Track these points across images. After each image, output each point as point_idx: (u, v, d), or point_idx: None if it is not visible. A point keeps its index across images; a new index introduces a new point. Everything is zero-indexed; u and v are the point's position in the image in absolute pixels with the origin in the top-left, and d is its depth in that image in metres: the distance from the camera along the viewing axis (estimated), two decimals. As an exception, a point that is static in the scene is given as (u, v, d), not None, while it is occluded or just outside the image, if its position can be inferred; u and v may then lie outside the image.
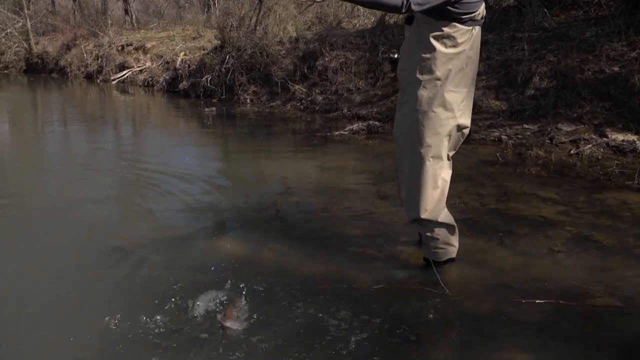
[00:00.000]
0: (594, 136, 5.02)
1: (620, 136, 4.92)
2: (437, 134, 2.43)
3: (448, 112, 2.41)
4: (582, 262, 2.75)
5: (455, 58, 2.34)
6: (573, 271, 2.65)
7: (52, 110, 10.58)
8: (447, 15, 2.27)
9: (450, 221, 2.61)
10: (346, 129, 6.41)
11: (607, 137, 4.95)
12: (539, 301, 2.34)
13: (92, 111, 9.91)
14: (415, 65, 2.40)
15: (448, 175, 2.57)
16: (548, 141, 5.16)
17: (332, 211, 3.63)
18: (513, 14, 7.17)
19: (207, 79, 9.95)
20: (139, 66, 13.47)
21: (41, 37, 18.95)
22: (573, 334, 2.15)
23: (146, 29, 16.33)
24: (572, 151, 4.87)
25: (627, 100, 5.18)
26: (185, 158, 5.49)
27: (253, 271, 2.68)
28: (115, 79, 13.66)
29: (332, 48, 8.53)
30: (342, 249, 2.95)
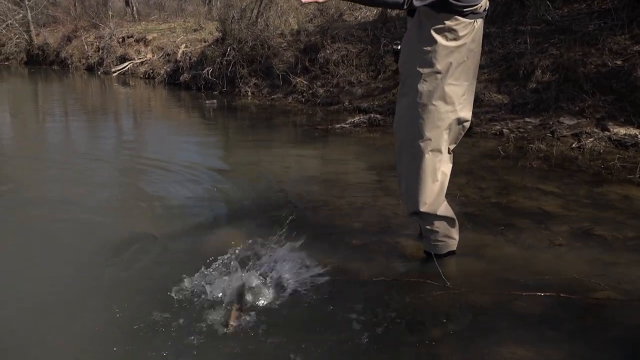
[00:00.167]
0: (595, 130, 5.00)
1: (622, 130, 4.91)
2: (436, 128, 2.42)
3: (448, 105, 2.40)
4: (583, 256, 2.75)
5: (456, 51, 2.33)
6: (574, 264, 2.64)
7: (53, 102, 10.56)
8: (448, 8, 2.25)
9: (450, 214, 2.61)
10: (347, 121, 6.40)
11: (609, 131, 4.94)
12: (539, 294, 2.34)
13: (93, 103, 9.90)
14: (416, 57, 2.38)
15: (448, 169, 2.56)
16: (550, 135, 5.15)
17: (333, 204, 3.63)
18: (516, 7, 7.14)
19: (208, 71, 9.93)
20: (139, 58, 13.44)
21: (42, 28, 18.93)
22: (574, 327, 2.15)
23: (147, 20, 16.30)
24: (573, 145, 4.86)
25: (629, 94, 5.16)
26: (186, 150, 5.49)
27: (253, 264, 2.68)
28: (116, 71, 13.63)
29: (333, 40, 8.50)
30: (343, 242, 2.95)
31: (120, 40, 14.52)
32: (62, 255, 2.90)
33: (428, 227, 2.61)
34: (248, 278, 2.48)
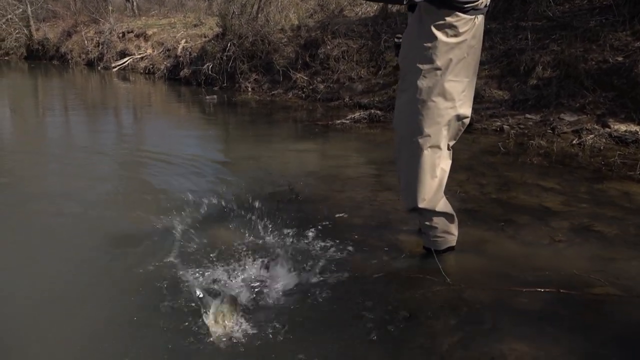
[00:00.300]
0: (596, 126, 5.00)
1: (623, 127, 4.90)
2: (436, 124, 2.41)
3: (448, 102, 2.39)
4: (583, 252, 2.75)
5: (456, 47, 2.32)
6: (574, 260, 2.65)
7: (53, 97, 10.55)
8: (449, 4, 2.24)
9: (449, 210, 2.61)
10: (347, 117, 6.40)
11: (609, 127, 4.94)
12: (539, 290, 2.34)
13: (93, 98, 9.89)
14: (416, 53, 2.37)
15: (447, 165, 2.55)
16: (550, 131, 5.15)
17: (333, 199, 3.63)
18: (517, 3, 7.12)
19: (208, 66, 9.92)
20: (140, 53, 13.42)
21: (42, 23, 18.90)
22: (573, 322, 2.15)
23: (147, 16, 16.28)
24: (574, 141, 4.86)
25: (630, 91, 5.15)
26: (186, 145, 5.49)
27: (252, 259, 2.68)
28: (116, 66, 13.62)
29: (334, 36, 8.49)
30: (343, 237, 2.95)
31: (120, 35, 14.50)
32: (62, 251, 2.90)
33: (427, 223, 2.61)
34: (244, 271, 2.48)
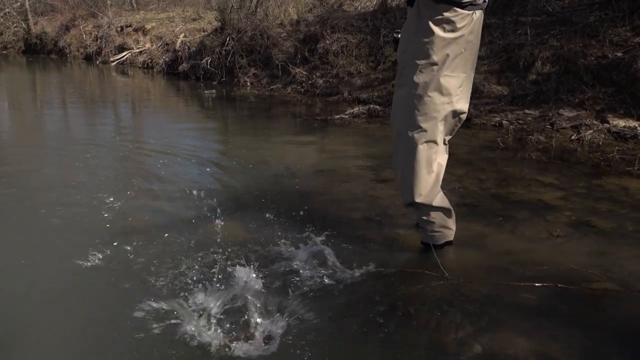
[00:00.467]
0: (595, 122, 5.00)
1: (622, 122, 4.90)
2: (432, 119, 2.41)
3: (444, 97, 2.38)
4: (581, 247, 2.76)
5: (453, 43, 2.31)
6: (572, 255, 2.65)
7: (51, 91, 10.52)
8: None
9: (446, 205, 2.61)
10: (346, 112, 6.39)
11: (608, 123, 4.94)
12: (537, 284, 2.35)
13: (91, 92, 9.86)
14: (414, 48, 2.37)
15: (444, 160, 2.55)
16: (549, 126, 5.15)
17: (332, 194, 3.63)
18: (516, -2, 7.11)
19: (207, 61, 9.90)
20: (138, 48, 13.38)
21: (40, 17, 18.83)
22: (571, 317, 2.15)
23: (146, 10, 16.23)
24: (573, 137, 4.86)
25: (629, 86, 5.15)
26: (185, 140, 5.48)
27: (250, 255, 2.68)
28: (114, 61, 13.58)
29: (333, 31, 8.47)
30: (341, 232, 2.95)
31: (119, 29, 14.46)
32: (61, 246, 2.89)
33: (424, 217, 2.61)
34: (243, 266, 2.48)
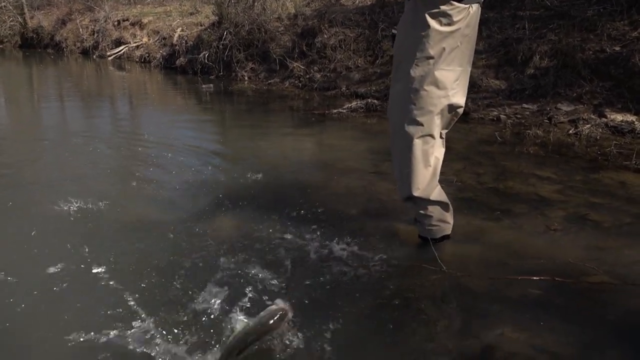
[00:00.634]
0: (592, 116, 5.00)
1: (619, 116, 4.91)
2: (428, 113, 2.40)
3: (440, 90, 2.37)
4: (578, 241, 2.77)
5: (450, 36, 2.30)
6: (569, 249, 2.66)
7: (48, 85, 10.48)
8: None
9: (444, 199, 2.61)
10: (344, 107, 6.38)
11: (606, 117, 4.94)
12: (534, 278, 2.36)
13: (88, 87, 9.83)
14: (410, 42, 2.36)
15: (441, 154, 2.55)
16: (547, 121, 5.15)
17: (330, 188, 3.63)
18: (515, -8, 7.09)
19: (204, 55, 9.86)
20: (135, 42, 13.33)
21: (36, 11, 18.73)
22: (568, 310, 2.16)
23: (142, 4, 16.14)
24: (570, 131, 4.86)
25: (627, 80, 5.15)
26: (183, 134, 5.47)
27: (249, 249, 2.69)
28: (111, 55, 13.53)
29: (331, 25, 8.44)
30: (340, 226, 2.95)
31: (116, 23, 14.39)
32: (62, 241, 2.89)
33: (422, 211, 2.61)
34: (241, 262, 2.48)
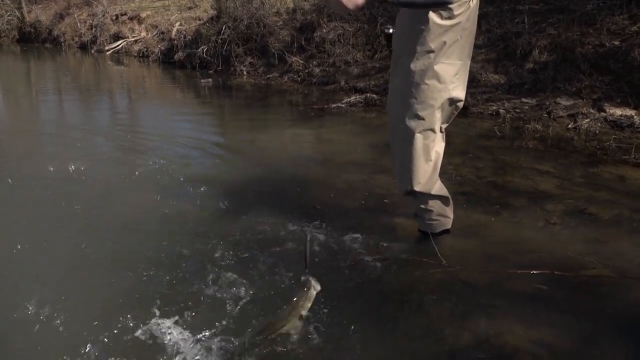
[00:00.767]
0: (592, 111, 5.00)
1: (619, 111, 4.90)
2: (429, 107, 2.40)
3: (441, 84, 2.36)
4: (578, 235, 2.77)
5: (450, 30, 2.29)
6: (568, 243, 2.66)
7: (46, 80, 10.45)
8: None
9: (444, 193, 2.61)
10: (343, 101, 6.37)
11: (605, 111, 4.94)
12: (533, 272, 2.36)
13: (86, 81, 9.80)
14: (410, 36, 2.35)
15: (441, 148, 2.54)
16: (546, 115, 5.15)
17: (329, 183, 3.63)
18: (514, -14, 7.06)
19: (203, 49, 9.83)
20: (133, 36, 13.28)
21: (34, 5, 18.64)
22: (567, 304, 2.17)
23: (141, -2, 16.04)
24: (569, 125, 4.86)
25: (626, 75, 5.14)
26: (181, 127, 5.46)
27: (247, 244, 2.69)
28: (109, 49, 13.48)
29: (330, 19, 8.41)
30: (339, 221, 2.95)
31: (114, 17, 14.33)
32: (63, 234, 2.89)
33: (422, 206, 2.61)
34: (239, 255, 2.48)
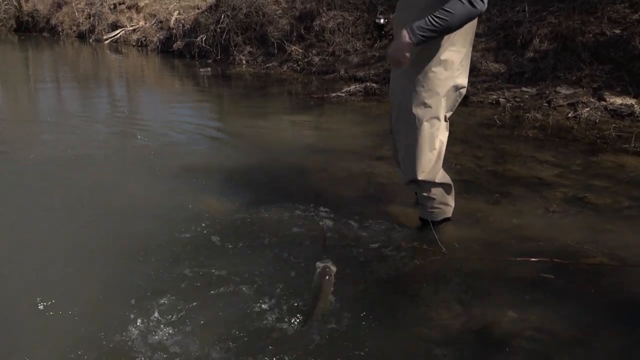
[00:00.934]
0: (592, 100, 4.99)
1: (619, 100, 4.90)
2: (436, 94, 2.40)
3: (447, 71, 2.37)
4: (577, 223, 2.78)
5: None
6: (567, 231, 2.67)
7: (44, 69, 10.40)
8: None
9: (447, 181, 2.61)
10: (343, 90, 6.35)
11: (605, 100, 4.93)
12: (533, 259, 2.37)
13: (85, 71, 9.76)
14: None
15: (445, 137, 2.54)
16: (546, 104, 5.14)
17: (329, 172, 3.63)
18: (515, -26, 7.01)
19: (201, 39, 9.78)
20: (132, 25, 13.20)
21: (31, -6, 18.47)
22: (566, 291, 2.18)
23: (139, -14, 15.92)
24: (569, 114, 4.85)
25: (627, 64, 5.13)
26: (181, 113, 5.45)
27: (247, 232, 2.69)
28: (108, 39, 13.40)
29: (329, 8, 8.36)
30: (339, 209, 2.95)
31: (112, 6, 14.21)
32: (63, 226, 2.89)
33: (425, 194, 2.61)
34: (237, 245, 2.49)
